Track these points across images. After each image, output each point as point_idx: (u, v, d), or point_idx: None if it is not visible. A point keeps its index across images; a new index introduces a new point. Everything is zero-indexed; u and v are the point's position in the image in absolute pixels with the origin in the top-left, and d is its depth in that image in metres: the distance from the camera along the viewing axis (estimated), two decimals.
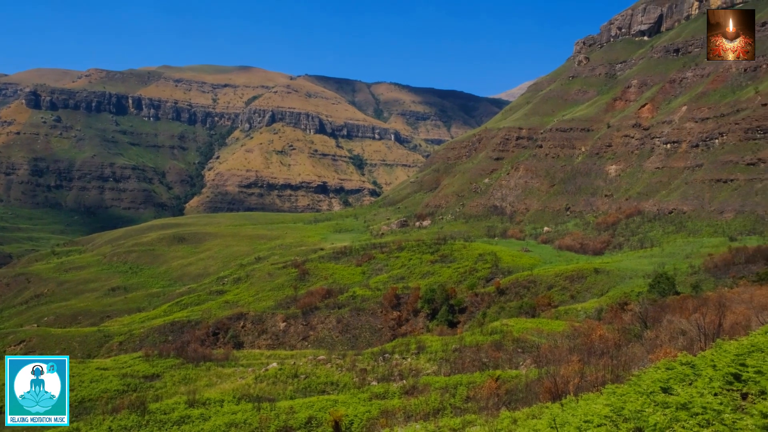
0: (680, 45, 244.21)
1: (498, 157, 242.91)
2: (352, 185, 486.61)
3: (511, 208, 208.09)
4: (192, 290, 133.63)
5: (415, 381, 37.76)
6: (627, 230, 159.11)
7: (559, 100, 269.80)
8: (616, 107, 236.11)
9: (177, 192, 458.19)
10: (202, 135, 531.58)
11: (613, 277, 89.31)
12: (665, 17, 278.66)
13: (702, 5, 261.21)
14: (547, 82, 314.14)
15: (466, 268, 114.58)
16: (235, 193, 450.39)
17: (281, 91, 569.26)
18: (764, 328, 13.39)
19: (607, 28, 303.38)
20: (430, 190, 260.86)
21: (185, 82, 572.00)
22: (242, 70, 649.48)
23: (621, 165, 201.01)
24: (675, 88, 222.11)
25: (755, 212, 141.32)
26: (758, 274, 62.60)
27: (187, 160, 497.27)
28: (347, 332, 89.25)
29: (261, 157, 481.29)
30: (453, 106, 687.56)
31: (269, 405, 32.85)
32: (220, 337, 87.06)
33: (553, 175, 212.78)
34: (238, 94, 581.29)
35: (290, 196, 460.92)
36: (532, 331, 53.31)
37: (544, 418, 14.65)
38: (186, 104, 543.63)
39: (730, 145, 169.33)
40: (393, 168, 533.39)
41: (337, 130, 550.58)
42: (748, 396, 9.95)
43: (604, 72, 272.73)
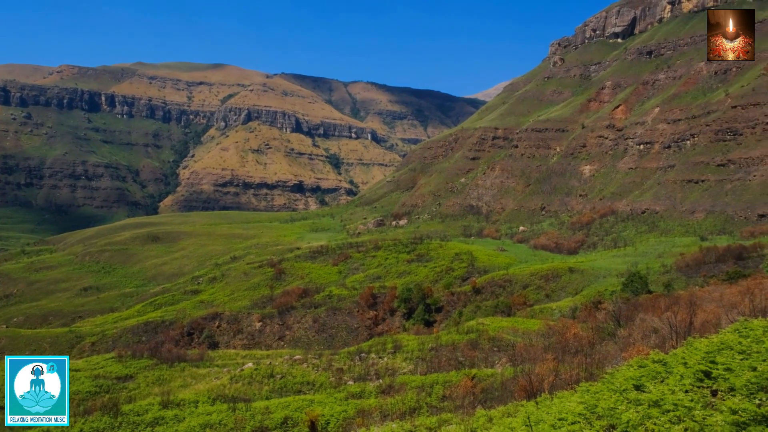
0: (653, 47, 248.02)
1: (474, 156, 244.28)
2: (329, 184, 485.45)
3: (487, 208, 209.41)
4: (166, 290, 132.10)
5: (391, 380, 37.77)
6: (601, 230, 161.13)
7: (534, 101, 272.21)
8: (591, 108, 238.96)
9: (151, 191, 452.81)
10: (176, 133, 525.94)
11: (588, 276, 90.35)
12: (638, 20, 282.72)
13: (674, 9, 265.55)
14: (522, 82, 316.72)
15: (443, 267, 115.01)
16: (211, 191, 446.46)
17: (257, 89, 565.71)
18: (734, 327, 13.64)
19: (582, 29, 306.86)
20: (406, 189, 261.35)
21: (160, 80, 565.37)
22: (218, 67, 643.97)
23: (595, 165, 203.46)
24: (648, 90, 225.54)
25: (725, 212, 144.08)
26: (728, 273, 63.83)
27: (161, 158, 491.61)
28: (323, 332, 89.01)
29: (237, 155, 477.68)
30: (430, 105, 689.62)
31: (245, 405, 32.61)
32: (195, 338, 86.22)
33: (529, 174, 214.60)
34: (213, 92, 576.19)
35: (266, 195, 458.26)
36: (507, 329, 53.68)
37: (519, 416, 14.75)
38: (160, 102, 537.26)
39: (701, 146, 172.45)
40: (370, 167, 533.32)
41: (313, 129, 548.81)
42: (718, 393, 10.13)
43: (578, 73, 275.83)
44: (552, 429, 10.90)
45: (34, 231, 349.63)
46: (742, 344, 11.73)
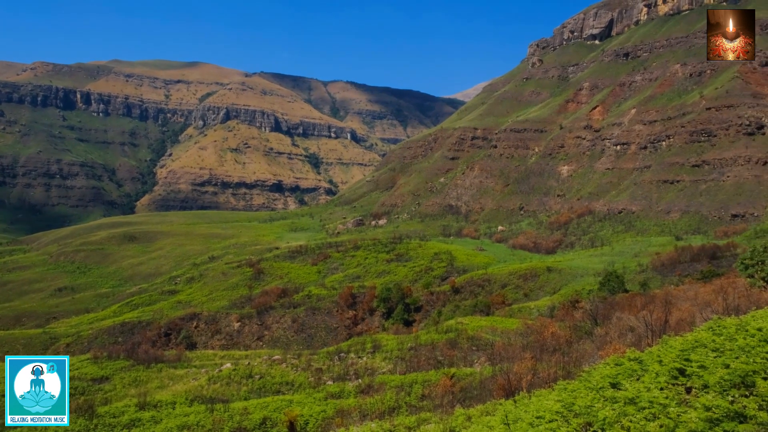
0: (630, 49, 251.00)
1: (453, 156, 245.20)
2: (308, 184, 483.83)
3: (467, 208, 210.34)
4: (143, 290, 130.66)
5: (370, 380, 37.77)
6: (578, 229, 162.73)
7: (513, 101, 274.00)
8: (569, 109, 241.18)
9: (127, 190, 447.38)
10: (154, 131, 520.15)
11: (565, 276, 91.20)
12: (616, 22, 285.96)
13: (650, 11, 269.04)
14: (501, 83, 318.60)
15: (422, 267, 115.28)
16: (189, 191, 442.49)
17: (236, 88, 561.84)
18: (707, 325, 13.85)
19: (560, 31, 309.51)
20: (386, 189, 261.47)
21: (136, 77, 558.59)
22: (196, 66, 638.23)
23: (573, 165, 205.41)
24: (624, 91, 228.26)
25: (700, 212, 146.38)
26: (702, 272, 64.82)
27: (138, 157, 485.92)
28: (303, 332, 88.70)
29: (215, 154, 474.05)
30: (409, 105, 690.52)
31: (223, 406, 32.38)
32: (173, 338, 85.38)
33: (508, 175, 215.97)
34: (191, 90, 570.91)
35: (245, 194, 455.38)
36: (486, 329, 53.95)
37: (497, 414, 14.83)
38: (137, 100, 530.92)
39: (677, 147, 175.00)
40: (349, 167, 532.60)
41: (292, 128, 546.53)
42: (692, 390, 10.27)
43: (557, 74, 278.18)
44: (530, 427, 10.98)
45: (6, 231, 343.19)
46: (716, 342, 11.92)
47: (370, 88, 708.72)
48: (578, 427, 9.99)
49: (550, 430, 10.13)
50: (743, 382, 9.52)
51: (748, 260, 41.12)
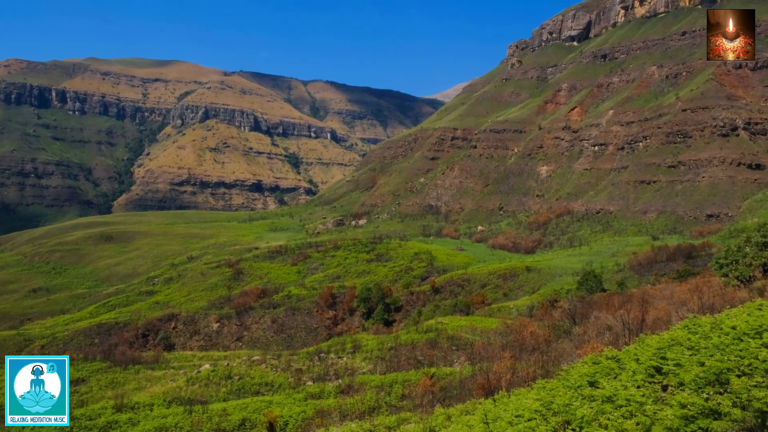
0: (607, 51, 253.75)
1: (433, 156, 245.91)
2: (288, 184, 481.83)
3: (446, 208, 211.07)
4: (120, 291, 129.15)
5: (350, 380, 37.72)
6: (557, 229, 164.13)
7: (492, 102, 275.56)
8: (547, 110, 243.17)
9: (104, 189, 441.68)
10: (131, 130, 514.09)
11: (544, 275, 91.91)
12: (593, 24, 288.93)
13: (628, 13, 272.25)
14: (481, 83, 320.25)
15: (402, 267, 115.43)
16: (167, 190, 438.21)
17: (215, 87, 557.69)
18: (683, 323, 14.04)
19: (539, 32, 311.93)
20: (366, 189, 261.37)
21: (113, 76, 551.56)
22: (174, 64, 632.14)
23: (552, 166, 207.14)
24: (602, 93, 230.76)
25: (676, 212, 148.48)
26: (678, 271, 65.68)
27: (115, 156, 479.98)
28: (282, 332, 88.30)
29: (194, 154, 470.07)
30: (389, 105, 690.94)
31: (201, 408, 32.10)
32: (150, 339, 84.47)
33: (487, 175, 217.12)
34: (169, 89, 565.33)
35: (224, 194, 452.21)
36: (466, 328, 54.16)
37: (477, 413, 14.90)
38: (114, 98, 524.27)
39: (653, 148, 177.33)
40: (329, 167, 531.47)
41: (272, 127, 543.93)
42: (668, 388, 10.41)
43: (535, 75, 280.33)
44: (509, 426, 11.04)
45: None
46: (691, 340, 12.08)
47: (350, 87, 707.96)
48: (557, 425, 10.07)
49: (529, 428, 10.20)
50: (718, 380, 9.67)
51: (723, 260, 41.72)
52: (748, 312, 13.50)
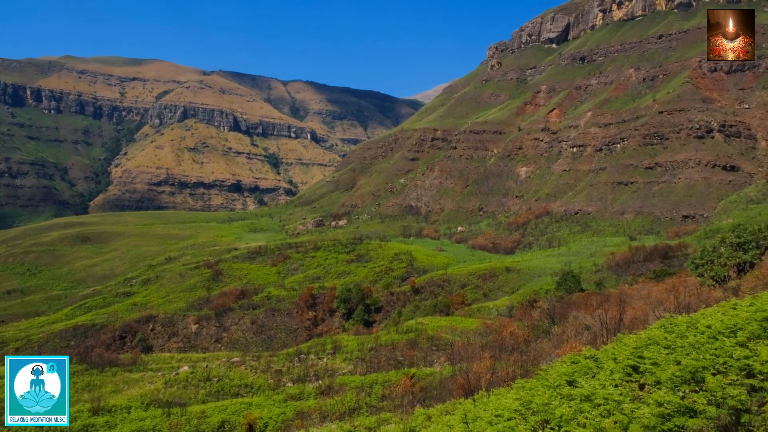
0: (586, 53, 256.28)
1: (414, 157, 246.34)
2: (268, 184, 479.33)
3: (426, 208, 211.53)
4: (97, 292, 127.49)
5: (330, 381, 37.65)
6: (536, 230, 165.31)
7: (472, 103, 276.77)
8: (527, 111, 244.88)
9: (81, 189, 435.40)
10: (108, 130, 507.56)
11: (524, 276, 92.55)
12: (572, 26, 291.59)
13: (606, 16, 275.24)
14: (461, 85, 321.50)
15: (382, 267, 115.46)
16: (145, 191, 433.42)
17: (194, 86, 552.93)
18: (660, 323, 14.23)
19: (518, 34, 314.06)
20: (346, 189, 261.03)
21: (90, 74, 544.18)
22: (152, 63, 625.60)
23: (531, 167, 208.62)
24: (581, 95, 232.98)
25: (653, 213, 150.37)
26: (655, 271, 66.52)
27: (91, 155, 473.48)
28: (262, 333, 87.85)
29: (172, 154, 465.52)
30: (370, 106, 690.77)
31: (180, 410, 31.81)
32: (128, 341, 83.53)
33: (467, 176, 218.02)
34: (147, 88, 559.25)
35: (203, 194, 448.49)
36: (446, 329, 54.33)
37: (457, 413, 14.94)
38: (91, 97, 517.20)
39: (631, 149, 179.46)
40: (309, 167, 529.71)
41: (252, 128, 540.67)
42: (645, 386, 10.54)
43: (515, 77, 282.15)
44: (489, 425, 11.09)
45: None
46: (668, 339, 12.24)
47: (330, 88, 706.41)
48: (536, 424, 10.14)
49: (509, 428, 10.26)
50: (693, 378, 9.81)
51: (698, 260, 42.37)
52: (723, 311, 13.72)
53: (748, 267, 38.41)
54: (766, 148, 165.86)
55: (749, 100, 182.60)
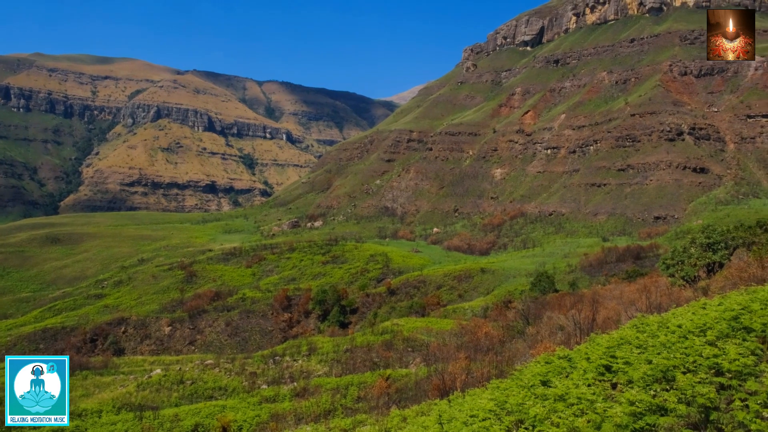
0: (560, 56, 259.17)
1: (389, 159, 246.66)
2: (243, 185, 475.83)
3: (402, 210, 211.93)
4: (67, 294, 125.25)
5: (306, 383, 37.49)
6: (511, 231, 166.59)
7: (448, 105, 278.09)
8: (502, 113, 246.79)
9: (50, 189, 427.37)
10: (79, 129, 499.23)
11: (499, 277, 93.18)
12: (546, 29, 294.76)
13: (579, 20, 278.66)
14: (437, 86, 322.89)
15: (358, 268, 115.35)
16: (117, 191, 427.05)
17: (168, 85, 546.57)
18: (632, 322, 14.41)
19: (494, 37, 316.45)
20: (322, 190, 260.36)
21: (61, 72, 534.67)
22: (125, 61, 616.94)
23: (506, 169, 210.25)
24: (555, 97, 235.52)
25: (625, 214, 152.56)
26: (627, 272, 67.47)
27: (62, 155, 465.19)
28: (236, 335, 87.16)
29: (145, 154, 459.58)
30: (345, 107, 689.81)
31: (152, 413, 31.39)
32: (99, 344, 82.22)
33: (443, 177, 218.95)
34: (120, 87, 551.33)
35: (177, 195, 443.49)
36: (421, 330, 54.44)
37: (432, 414, 14.96)
38: (61, 95, 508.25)
39: (603, 151, 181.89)
40: (284, 168, 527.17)
41: (226, 128, 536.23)
42: (617, 385, 10.66)
43: (490, 79, 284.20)
44: (464, 426, 11.11)
45: None
46: (639, 339, 12.40)
47: (305, 89, 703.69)
48: (510, 424, 10.19)
49: (484, 428, 10.29)
50: (664, 377, 9.94)
51: (669, 260, 43.02)
52: (693, 311, 13.94)
53: (718, 267, 39.11)
54: (734, 151, 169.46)
55: (718, 104, 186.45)
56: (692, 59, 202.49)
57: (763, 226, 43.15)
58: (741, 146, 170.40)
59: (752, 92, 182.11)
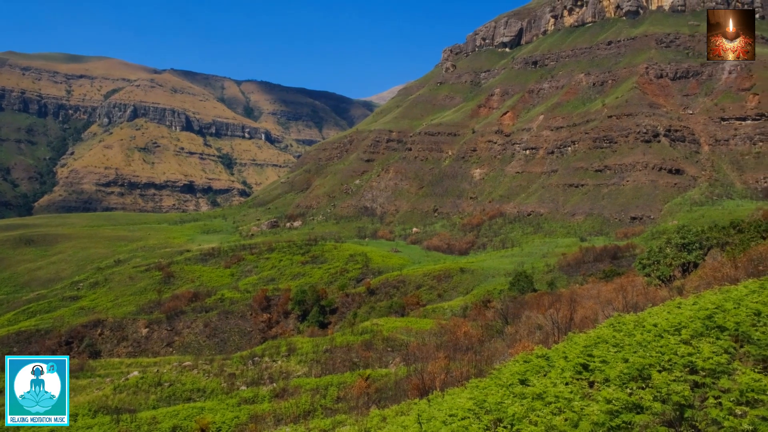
0: (538, 58, 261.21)
1: (369, 158, 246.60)
2: (221, 185, 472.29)
3: (382, 209, 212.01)
4: (42, 296, 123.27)
5: (285, 384, 37.35)
6: (490, 231, 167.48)
7: (427, 105, 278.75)
8: (481, 114, 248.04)
9: (24, 190, 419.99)
10: (54, 129, 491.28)
11: (478, 276, 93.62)
12: (525, 31, 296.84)
13: (557, 22, 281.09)
14: (416, 87, 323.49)
15: (337, 268, 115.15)
16: (92, 191, 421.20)
17: (144, 84, 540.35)
18: (609, 321, 14.58)
19: (473, 38, 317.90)
20: (301, 190, 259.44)
21: (34, 71, 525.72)
22: (100, 60, 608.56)
23: (485, 169, 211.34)
24: (533, 98, 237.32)
25: (602, 215, 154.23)
26: (604, 271, 68.20)
27: (36, 155, 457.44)
28: (215, 336, 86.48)
29: (122, 153, 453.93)
30: (325, 107, 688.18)
31: (129, 416, 31.05)
32: (75, 347, 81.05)
33: (422, 177, 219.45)
34: (95, 86, 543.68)
35: (154, 195, 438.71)
36: (401, 329, 54.52)
37: (411, 414, 15.00)
38: (35, 95, 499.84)
39: (581, 152, 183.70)
40: (263, 168, 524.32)
41: (205, 127, 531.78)
42: (594, 384, 10.77)
43: (469, 80, 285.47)
44: (443, 425, 11.16)
45: None
46: (616, 338, 12.55)
47: (285, 88, 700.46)
48: (489, 423, 10.25)
49: (463, 427, 10.34)
50: (640, 375, 10.08)
51: (645, 260, 43.61)
52: (668, 310, 14.15)
53: (692, 267, 39.74)
54: (708, 153, 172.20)
55: (693, 106, 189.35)
56: (668, 62, 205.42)
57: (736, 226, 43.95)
58: (715, 148, 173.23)
59: (726, 95, 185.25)
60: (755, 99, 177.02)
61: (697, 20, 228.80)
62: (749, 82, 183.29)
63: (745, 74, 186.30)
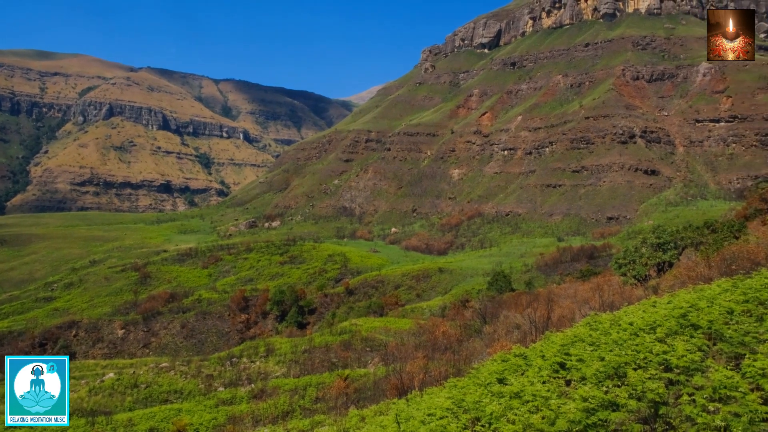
0: (516, 59, 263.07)
1: (348, 158, 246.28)
2: (199, 185, 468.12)
3: (360, 210, 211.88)
4: (14, 297, 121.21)
5: (263, 384, 37.17)
6: (469, 231, 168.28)
7: (406, 105, 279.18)
8: (460, 114, 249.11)
9: None
10: (27, 127, 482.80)
11: (456, 276, 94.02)
12: (503, 32, 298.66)
13: (536, 24, 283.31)
14: (395, 87, 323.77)
15: (316, 269, 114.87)
16: (67, 191, 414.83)
17: (120, 83, 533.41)
18: (585, 320, 14.72)
19: (452, 38, 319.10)
20: (279, 190, 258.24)
21: (7, 68, 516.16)
22: (75, 57, 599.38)
23: (464, 169, 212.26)
24: (511, 99, 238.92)
25: (579, 215, 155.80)
26: (581, 271, 68.88)
27: (8, 154, 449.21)
28: (192, 337, 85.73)
29: (97, 152, 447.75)
30: (303, 106, 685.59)
31: (105, 419, 30.65)
32: (48, 349, 79.78)
33: (401, 177, 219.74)
34: (70, 83, 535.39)
35: (130, 195, 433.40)
36: (380, 329, 54.54)
37: (390, 413, 15.01)
38: (8, 92, 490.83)
39: (559, 153, 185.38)
40: (242, 168, 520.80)
41: (182, 126, 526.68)
42: (571, 382, 10.88)
43: (448, 80, 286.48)
44: (421, 425, 11.18)
45: None
46: (592, 337, 12.68)
47: (263, 87, 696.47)
48: (467, 422, 10.30)
49: (441, 426, 10.37)
50: (616, 373, 10.20)
51: (621, 260, 44.13)
52: (644, 309, 14.33)
53: (667, 266, 40.31)
54: (683, 154, 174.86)
55: (668, 108, 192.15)
56: (644, 64, 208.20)
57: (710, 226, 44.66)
58: (690, 149, 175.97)
59: (700, 97, 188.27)
60: (728, 101, 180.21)
61: (672, 23, 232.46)
62: (723, 85, 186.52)
63: (718, 77, 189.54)
